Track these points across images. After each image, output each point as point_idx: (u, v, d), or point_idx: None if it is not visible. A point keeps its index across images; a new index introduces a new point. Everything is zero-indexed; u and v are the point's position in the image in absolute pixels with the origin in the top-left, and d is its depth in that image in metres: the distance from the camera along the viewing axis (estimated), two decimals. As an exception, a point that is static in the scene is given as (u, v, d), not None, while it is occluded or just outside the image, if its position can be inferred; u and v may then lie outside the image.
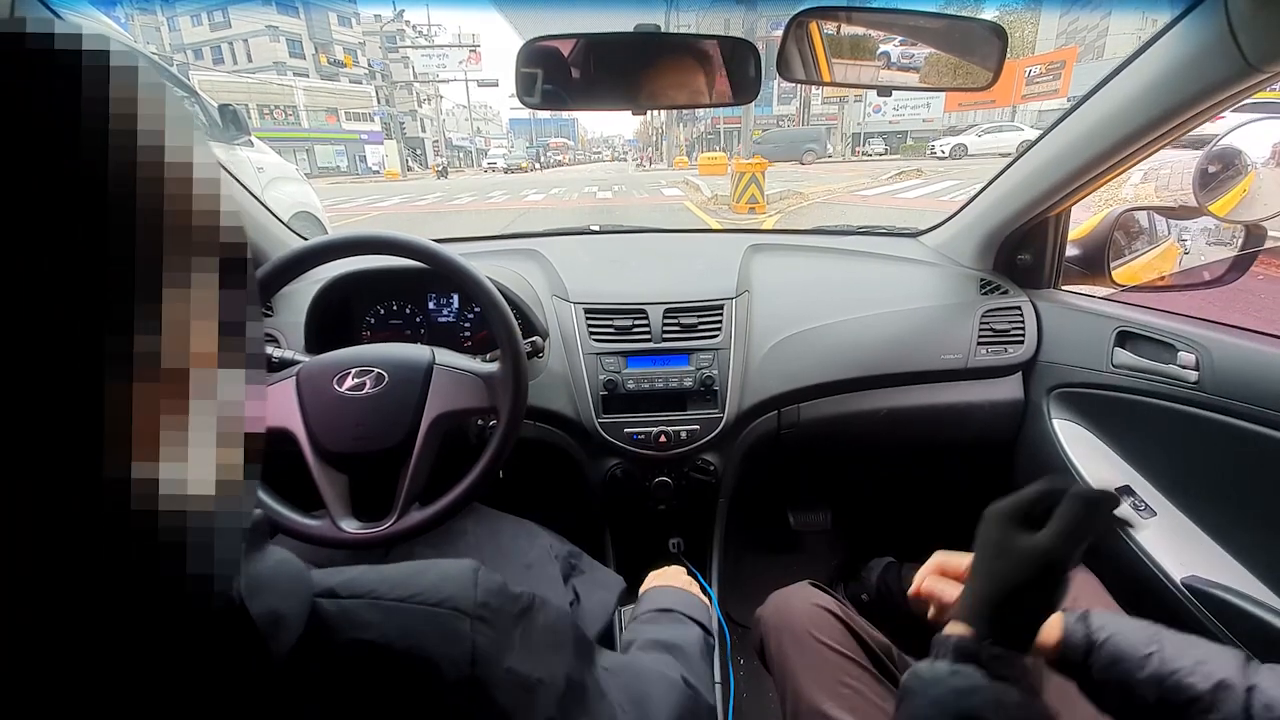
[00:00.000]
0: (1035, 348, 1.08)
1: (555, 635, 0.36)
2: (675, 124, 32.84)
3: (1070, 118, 0.88)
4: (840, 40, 0.84)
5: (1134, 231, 1.21)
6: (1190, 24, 0.66)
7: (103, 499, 0.18)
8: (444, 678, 0.29)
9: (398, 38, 38.76)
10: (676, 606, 0.66)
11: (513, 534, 0.88)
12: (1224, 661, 0.45)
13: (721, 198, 8.97)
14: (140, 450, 0.18)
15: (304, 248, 0.74)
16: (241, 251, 0.24)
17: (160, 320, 0.19)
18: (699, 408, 1.02)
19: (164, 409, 0.19)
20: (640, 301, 1.05)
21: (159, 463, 0.19)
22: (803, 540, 1.49)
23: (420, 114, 42.05)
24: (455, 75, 35.37)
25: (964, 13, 1.29)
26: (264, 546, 0.29)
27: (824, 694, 0.65)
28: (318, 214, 3.18)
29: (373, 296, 1.07)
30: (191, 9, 34.06)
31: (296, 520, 0.70)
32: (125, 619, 0.20)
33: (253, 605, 0.25)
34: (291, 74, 33.38)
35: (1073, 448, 0.98)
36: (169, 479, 0.20)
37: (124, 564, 0.19)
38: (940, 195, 9.37)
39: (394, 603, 0.30)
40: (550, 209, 10.91)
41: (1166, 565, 0.77)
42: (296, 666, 0.26)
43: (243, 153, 2.80)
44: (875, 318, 1.09)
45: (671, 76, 0.80)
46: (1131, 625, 0.48)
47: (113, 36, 0.20)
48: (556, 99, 0.80)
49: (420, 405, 0.72)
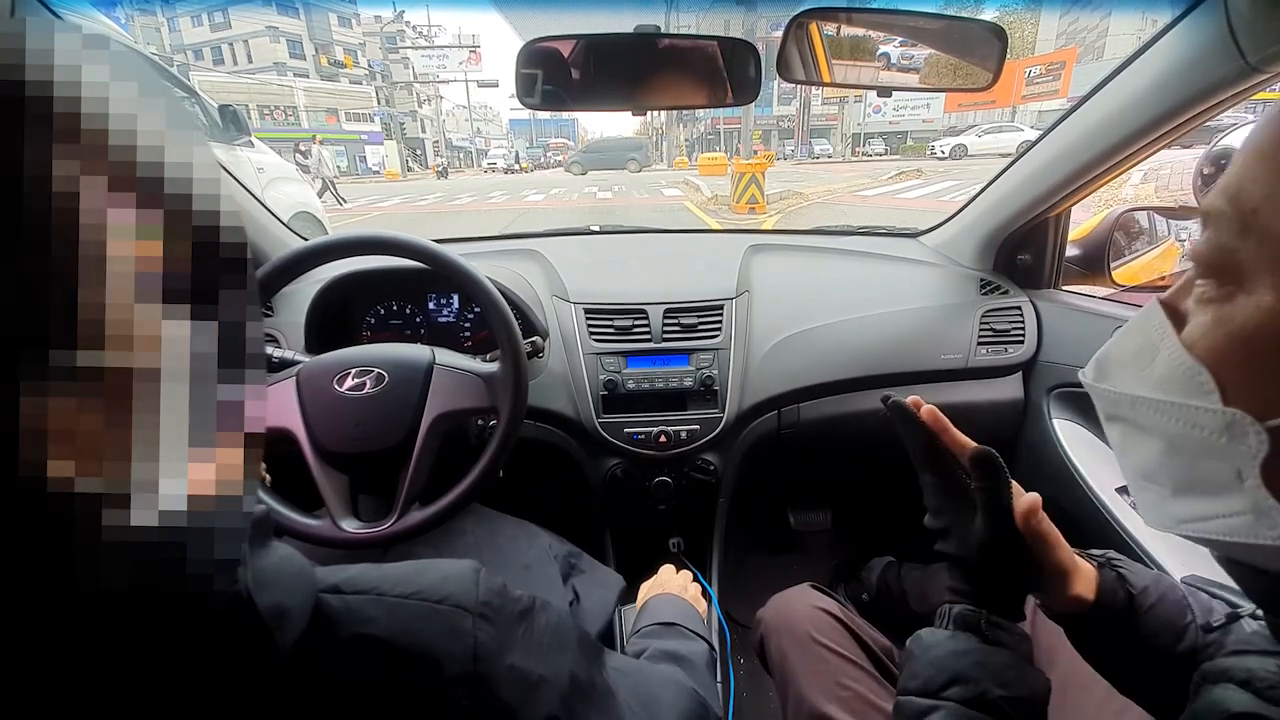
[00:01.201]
0: (1035, 348, 1.08)
1: (558, 635, 0.36)
2: (675, 124, 32.88)
3: (1070, 118, 0.88)
4: (840, 41, 0.84)
5: (1134, 231, 1.22)
6: (1190, 24, 0.66)
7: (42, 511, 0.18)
8: (446, 673, 0.29)
9: (398, 38, 38.81)
10: (679, 620, 0.66)
11: (512, 534, 0.88)
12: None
13: (721, 198, 8.98)
14: (83, 461, 0.18)
15: (304, 248, 0.74)
16: (241, 251, 0.24)
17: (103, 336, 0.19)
18: (699, 408, 1.02)
19: (109, 415, 0.19)
20: (640, 301, 1.05)
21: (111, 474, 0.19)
22: (803, 540, 1.49)
23: (420, 114, 42.06)
24: (455, 76, 35.41)
25: (964, 13, 1.29)
26: (269, 541, 0.29)
27: (824, 696, 0.65)
28: (318, 214, 3.19)
29: (373, 296, 1.08)
30: (191, 9, 34.10)
31: (297, 520, 0.70)
32: (125, 620, 0.20)
33: (259, 599, 0.25)
34: (291, 75, 33.41)
35: (1073, 448, 0.98)
36: (140, 492, 0.20)
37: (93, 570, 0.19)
38: (940, 195, 9.38)
39: (397, 599, 0.30)
40: (550, 209, 10.91)
41: (1167, 565, 0.77)
42: (301, 660, 0.26)
43: (243, 153, 2.81)
44: (875, 318, 1.09)
45: (671, 77, 0.80)
46: (1164, 584, 0.48)
47: (113, 37, 0.20)
48: (556, 100, 0.80)
49: (420, 405, 0.72)
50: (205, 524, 0.22)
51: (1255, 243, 0.26)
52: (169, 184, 0.21)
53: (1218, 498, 0.28)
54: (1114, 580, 0.47)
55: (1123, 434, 0.34)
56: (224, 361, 0.23)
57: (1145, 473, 0.32)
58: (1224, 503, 0.28)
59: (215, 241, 0.23)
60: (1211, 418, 0.27)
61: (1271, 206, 0.26)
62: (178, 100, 0.23)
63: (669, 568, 0.82)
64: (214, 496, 0.22)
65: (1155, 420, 0.30)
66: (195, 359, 0.22)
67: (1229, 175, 0.28)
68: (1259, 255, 0.26)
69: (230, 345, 0.24)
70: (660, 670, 0.53)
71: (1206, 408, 0.28)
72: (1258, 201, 0.26)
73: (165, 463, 0.20)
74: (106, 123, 0.19)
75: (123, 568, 0.19)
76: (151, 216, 0.20)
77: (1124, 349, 0.33)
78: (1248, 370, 0.27)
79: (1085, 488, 0.93)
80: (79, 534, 0.18)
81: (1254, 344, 0.26)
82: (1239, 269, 0.27)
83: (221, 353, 0.23)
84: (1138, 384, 0.31)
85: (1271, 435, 0.26)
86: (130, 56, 0.21)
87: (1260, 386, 0.27)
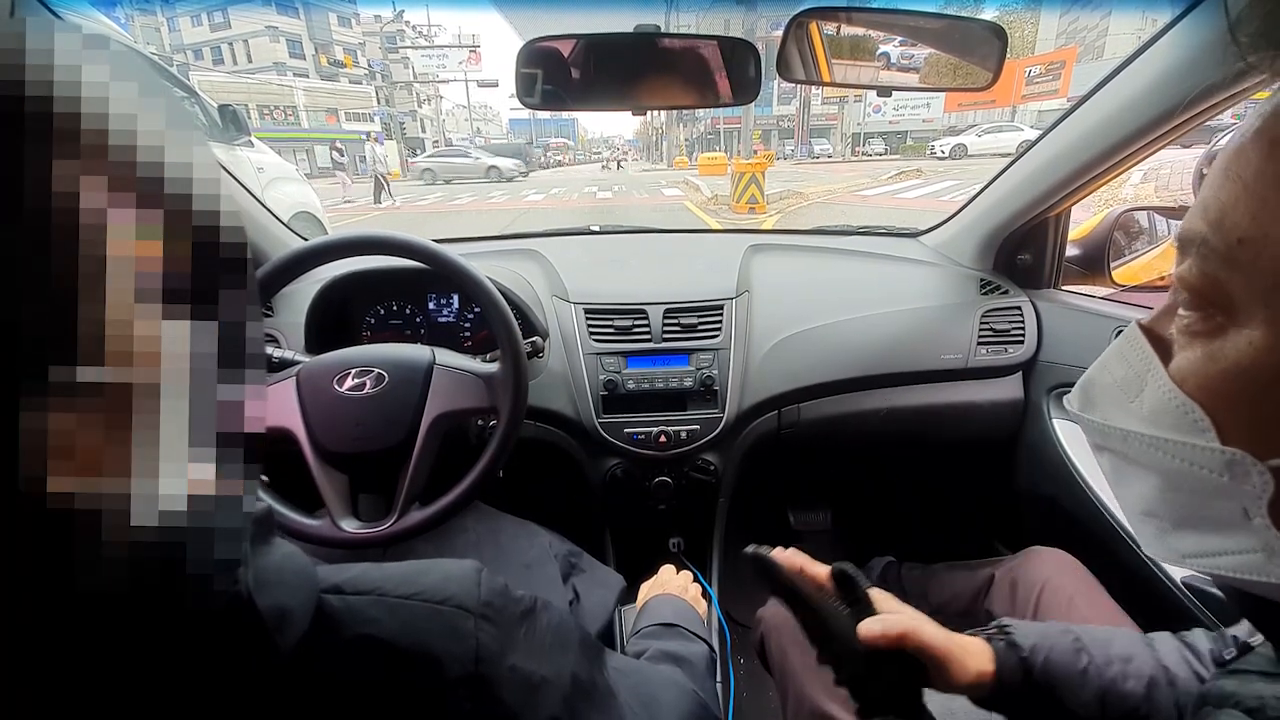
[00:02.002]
0: (1035, 348, 1.08)
1: (560, 636, 0.36)
2: (675, 124, 32.84)
3: (1070, 118, 0.88)
4: (840, 41, 0.84)
5: (1134, 231, 1.21)
6: (1190, 24, 0.66)
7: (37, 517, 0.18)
8: (448, 674, 0.29)
9: (397, 38, 38.80)
10: (679, 621, 0.66)
11: (513, 533, 0.88)
12: (1138, 649, 0.48)
13: (721, 198, 8.98)
14: (83, 469, 0.18)
15: (304, 248, 0.74)
16: (241, 252, 0.24)
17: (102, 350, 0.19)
18: (699, 408, 1.02)
19: (109, 429, 0.19)
20: (640, 301, 1.05)
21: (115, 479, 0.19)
22: (803, 540, 1.49)
23: (420, 114, 42.07)
24: (455, 76, 35.41)
25: (964, 13, 1.29)
26: (271, 540, 0.29)
27: (825, 694, 0.65)
28: (318, 214, 3.19)
29: (373, 296, 1.07)
30: (191, 9, 34.09)
31: (296, 520, 0.70)
32: (125, 621, 0.20)
33: (260, 599, 0.25)
34: (291, 74, 33.39)
35: (1073, 447, 0.99)
36: (140, 494, 0.20)
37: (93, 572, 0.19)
38: (940, 195, 9.38)
39: (399, 600, 0.30)
40: (550, 209, 10.91)
41: (1167, 565, 0.77)
42: (302, 661, 0.26)
43: (243, 153, 2.81)
44: (875, 318, 1.09)
45: (671, 77, 0.80)
46: (1052, 634, 0.50)
47: (113, 37, 0.20)
48: (556, 99, 0.80)
49: (420, 405, 0.72)
50: (205, 524, 0.22)
51: (1245, 275, 0.25)
52: (169, 184, 0.21)
53: (1225, 535, 0.27)
54: (1005, 648, 0.49)
55: (1114, 466, 0.33)
56: (224, 361, 0.23)
57: (1144, 508, 0.31)
58: (1233, 540, 0.27)
59: (215, 241, 0.23)
60: (1211, 456, 0.26)
61: (1261, 236, 0.24)
62: (178, 100, 0.23)
63: (669, 568, 0.82)
64: (214, 497, 0.22)
65: (1150, 456, 0.29)
66: (195, 359, 0.22)
67: (1208, 198, 0.26)
68: (1249, 288, 0.25)
69: (230, 345, 0.24)
70: (661, 671, 0.53)
71: (1205, 446, 0.26)
72: (1243, 230, 0.25)
73: (165, 463, 0.20)
74: (106, 123, 0.19)
75: (122, 569, 0.19)
76: (151, 217, 0.20)
77: (1108, 378, 0.32)
78: (1242, 409, 0.26)
79: (1085, 488, 0.93)
80: (79, 539, 0.18)
81: (1248, 382, 0.25)
82: (1229, 300, 0.26)
83: (221, 353, 0.23)
84: (1127, 417, 0.30)
85: (1275, 474, 0.25)
86: (130, 56, 0.21)
87: (1257, 425, 0.26)
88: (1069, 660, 0.47)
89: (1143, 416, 0.29)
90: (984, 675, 0.48)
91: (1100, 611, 0.71)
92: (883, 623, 0.47)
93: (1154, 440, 0.29)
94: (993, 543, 1.27)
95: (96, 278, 0.19)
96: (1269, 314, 0.24)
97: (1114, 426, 0.31)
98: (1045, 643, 0.49)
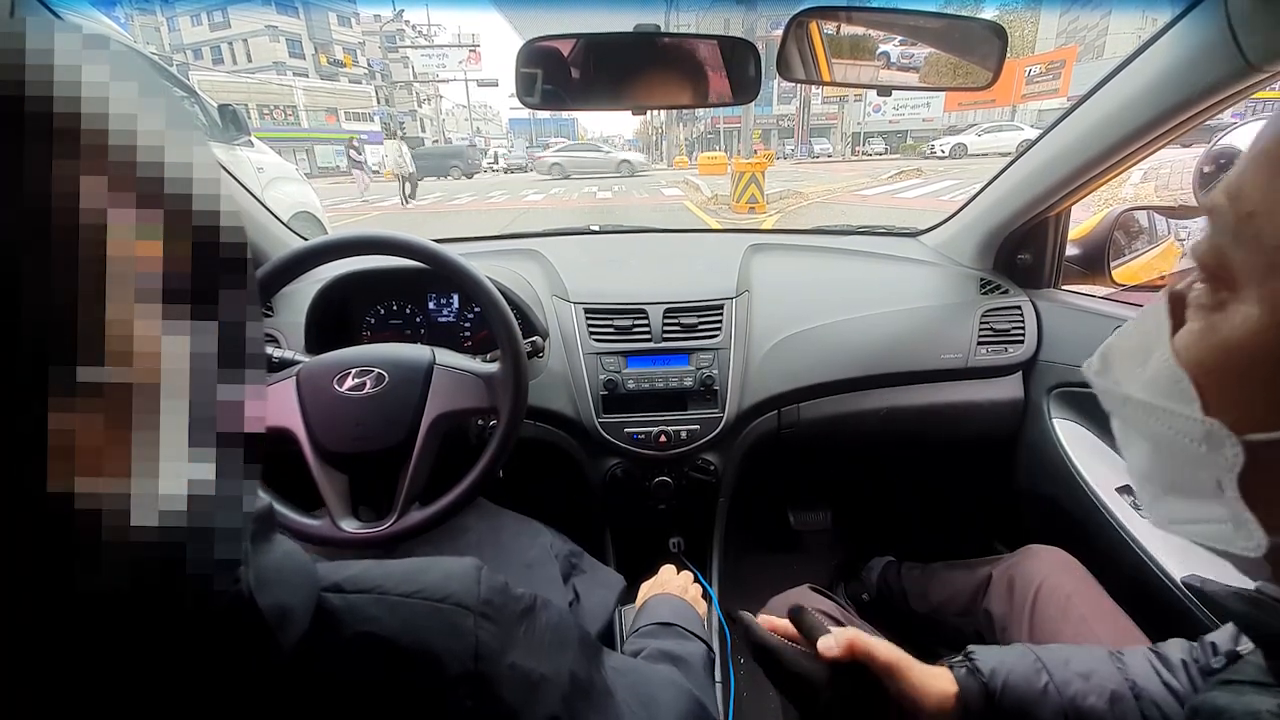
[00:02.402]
0: (1035, 347, 1.08)
1: (559, 634, 0.36)
2: (675, 124, 32.83)
3: (1070, 117, 0.88)
4: (840, 40, 0.84)
5: (1134, 231, 1.21)
6: (1190, 24, 0.66)
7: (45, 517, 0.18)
8: (448, 672, 0.29)
9: (397, 38, 38.76)
10: (678, 621, 0.66)
11: (514, 532, 0.89)
12: (1099, 665, 0.50)
13: (721, 198, 8.97)
14: (83, 469, 0.18)
15: (304, 248, 0.74)
16: (241, 252, 0.24)
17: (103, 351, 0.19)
18: (699, 407, 1.02)
19: (109, 429, 0.19)
20: (640, 301, 1.05)
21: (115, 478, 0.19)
22: (803, 540, 1.50)
23: (420, 114, 42.06)
24: (455, 75, 35.38)
25: (964, 13, 1.29)
26: (272, 536, 0.29)
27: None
28: (318, 214, 3.19)
29: (373, 296, 1.07)
30: (191, 9, 34.07)
31: (296, 520, 0.70)
32: (125, 621, 0.20)
33: (261, 598, 0.25)
34: (291, 74, 33.37)
35: (1072, 447, 0.99)
36: (140, 494, 0.20)
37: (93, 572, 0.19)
38: (940, 195, 9.38)
39: (399, 598, 0.30)
40: (550, 209, 10.91)
41: (1166, 565, 0.77)
42: (303, 660, 0.26)
43: (243, 153, 2.81)
44: (875, 317, 1.09)
45: (671, 76, 0.80)
46: (1011, 656, 0.52)
47: (113, 37, 0.20)
48: (556, 99, 0.80)
49: (420, 405, 0.72)
50: (205, 524, 0.22)
51: (1247, 249, 0.26)
52: (169, 184, 0.21)
53: (1201, 503, 0.28)
54: (965, 674, 0.51)
55: (1121, 430, 0.34)
56: (224, 361, 0.23)
57: (1142, 470, 0.33)
58: (1206, 509, 0.28)
59: (215, 241, 0.23)
60: (1192, 425, 0.28)
61: (1268, 213, 0.25)
62: (178, 100, 0.23)
63: (669, 568, 0.82)
64: (214, 497, 0.22)
65: (1143, 420, 0.31)
66: (195, 359, 0.22)
67: (1233, 173, 0.27)
68: (1250, 263, 0.26)
69: (230, 345, 0.24)
70: (658, 670, 0.53)
71: (1187, 415, 0.28)
72: (1255, 204, 0.25)
73: (165, 463, 0.20)
74: (106, 123, 0.19)
75: (123, 569, 0.19)
76: (151, 216, 0.20)
77: (1124, 345, 0.34)
78: (1229, 383, 0.27)
79: (1085, 487, 0.93)
80: (79, 539, 0.18)
81: (1234, 357, 0.26)
82: (1232, 275, 0.26)
83: (221, 353, 0.23)
84: (1131, 382, 0.32)
85: (1247, 449, 0.26)
86: (130, 56, 0.21)
87: (1238, 400, 0.26)
88: (1029, 681, 0.49)
89: (1144, 383, 0.31)
90: (947, 697, 0.50)
91: (1097, 609, 0.71)
92: (834, 635, 0.51)
93: (1147, 406, 0.30)
94: (993, 542, 1.27)
95: (96, 278, 0.19)
96: (1263, 291, 0.25)
97: (1118, 391, 0.32)
98: (1004, 666, 0.51)
